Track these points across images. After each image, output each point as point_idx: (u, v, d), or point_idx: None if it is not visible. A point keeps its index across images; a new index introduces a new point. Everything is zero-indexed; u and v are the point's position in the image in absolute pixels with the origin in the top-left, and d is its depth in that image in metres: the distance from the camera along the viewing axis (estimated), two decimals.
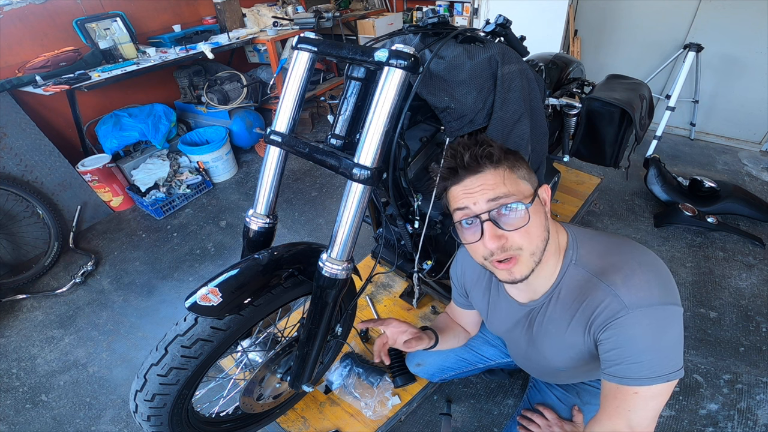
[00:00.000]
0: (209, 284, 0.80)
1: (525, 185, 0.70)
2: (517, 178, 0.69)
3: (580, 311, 0.74)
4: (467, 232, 0.71)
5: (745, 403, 1.44)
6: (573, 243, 0.77)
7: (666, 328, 0.66)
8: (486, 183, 0.68)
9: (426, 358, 1.28)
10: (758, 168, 2.74)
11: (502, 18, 1.08)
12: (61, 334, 1.87)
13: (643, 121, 1.56)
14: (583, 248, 0.76)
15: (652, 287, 0.67)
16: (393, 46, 0.70)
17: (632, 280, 0.68)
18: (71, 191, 2.45)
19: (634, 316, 0.66)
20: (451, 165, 0.70)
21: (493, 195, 0.67)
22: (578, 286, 0.74)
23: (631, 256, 0.71)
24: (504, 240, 0.68)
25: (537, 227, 0.69)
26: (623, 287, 0.67)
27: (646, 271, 0.69)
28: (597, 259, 0.74)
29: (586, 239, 0.78)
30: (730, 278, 1.91)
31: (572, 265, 0.76)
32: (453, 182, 0.72)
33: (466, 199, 0.69)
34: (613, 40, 3.20)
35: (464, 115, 0.96)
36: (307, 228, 2.41)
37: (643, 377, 0.67)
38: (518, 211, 0.67)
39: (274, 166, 0.91)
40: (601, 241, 0.77)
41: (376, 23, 3.71)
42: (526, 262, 0.70)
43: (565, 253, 0.77)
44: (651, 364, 0.66)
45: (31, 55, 2.35)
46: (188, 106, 3.11)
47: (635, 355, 0.66)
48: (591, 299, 0.71)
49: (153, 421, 0.88)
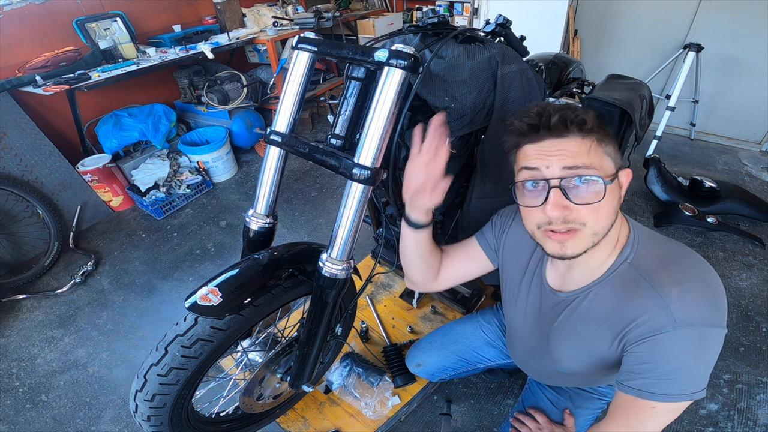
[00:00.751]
0: (209, 284, 0.80)
1: (609, 162, 0.65)
2: (603, 153, 0.64)
3: (617, 316, 0.68)
4: (530, 194, 0.67)
5: (745, 403, 1.44)
6: (633, 241, 0.71)
7: (707, 349, 0.62)
8: (567, 149, 0.63)
9: (426, 359, 1.28)
10: (758, 168, 2.74)
11: (502, 18, 1.08)
12: (61, 334, 1.87)
13: (643, 121, 1.55)
14: (643, 248, 0.70)
15: (708, 307, 0.62)
16: (393, 46, 0.70)
17: (689, 296, 0.62)
18: (71, 191, 2.44)
19: (681, 333, 0.61)
20: (534, 122, 0.65)
21: (571, 163, 0.62)
22: (625, 288, 0.68)
23: (693, 270, 0.65)
24: (568, 211, 0.63)
25: (608, 208, 0.64)
26: (678, 302, 0.62)
27: (705, 289, 0.63)
28: (655, 265, 0.67)
29: (648, 240, 0.71)
30: (730, 278, 1.91)
31: (626, 264, 0.69)
32: (529, 140, 0.67)
33: (539, 160, 0.64)
34: (613, 40, 3.20)
35: (464, 115, 0.96)
36: (307, 228, 2.41)
37: (668, 394, 0.63)
38: (596, 184, 0.62)
39: (274, 166, 0.91)
40: (664, 245, 0.70)
41: (376, 23, 3.71)
42: (584, 239, 0.64)
43: (622, 249, 0.70)
44: (681, 382, 0.63)
45: (31, 55, 2.35)
46: (188, 106, 3.11)
47: (668, 372, 0.63)
48: (636, 307, 0.66)
49: (153, 421, 0.88)
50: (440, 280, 0.98)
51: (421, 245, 0.89)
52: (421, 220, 0.84)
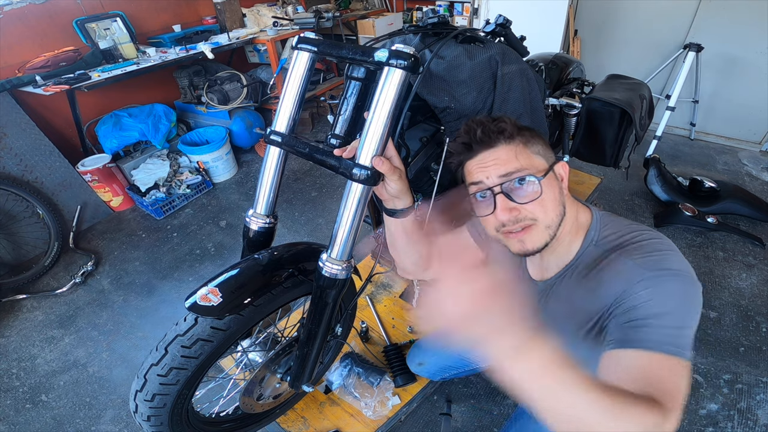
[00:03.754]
0: (209, 284, 0.80)
1: (539, 160, 0.71)
2: (530, 153, 0.70)
3: (595, 281, 0.71)
4: (481, 205, 0.72)
5: (745, 403, 1.44)
6: (596, 224, 0.76)
7: (689, 294, 0.62)
8: (499, 158, 0.69)
9: (428, 357, 1.28)
10: (758, 168, 2.74)
11: (502, 18, 1.08)
12: (61, 334, 1.87)
13: (643, 121, 1.55)
14: (607, 230, 0.75)
15: (673, 261, 0.65)
16: (393, 46, 0.70)
17: (652, 255, 0.66)
18: (71, 191, 2.44)
19: (658, 280, 0.62)
20: (466, 140, 0.72)
21: (505, 170, 0.68)
22: (597, 265, 0.73)
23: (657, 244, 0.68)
24: (516, 212, 0.68)
25: (551, 201, 0.69)
26: (641, 257, 0.65)
27: (667, 251, 0.67)
28: (620, 240, 0.72)
29: (611, 222, 0.76)
30: (730, 278, 1.91)
31: (592, 245, 0.74)
32: (467, 157, 0.73)
33: (480, 173, 0.70)
34: (613, 40, 3.20)
35: (464, 115, 0.96)
36: (307, 228, 2.41)
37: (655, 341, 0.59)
38: (531, 183, 0.68)
39: (274, 166, 0.91)
40: (626, 225, 0.75)
41: (376, 23, 3.70)
42: (540, 232, 0.69)
43: (586, 233, 0.75)
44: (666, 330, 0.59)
45: (31, 55, 2.35)
46: (188, 106, 3.11)
47: (656, 316, 0.60)
48: (607, 271, 0.69)
49: (153, 421, 0.88)
50: (433, 269, 0.95)
51: (408, 232, 0.88)
52: (399, 205, 0.83)
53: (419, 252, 0.93)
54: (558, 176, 0.73)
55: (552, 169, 0.71)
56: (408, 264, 0.96)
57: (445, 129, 0.98)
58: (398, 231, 0.89)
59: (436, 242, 0.97)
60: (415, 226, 0.89)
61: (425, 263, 0.95)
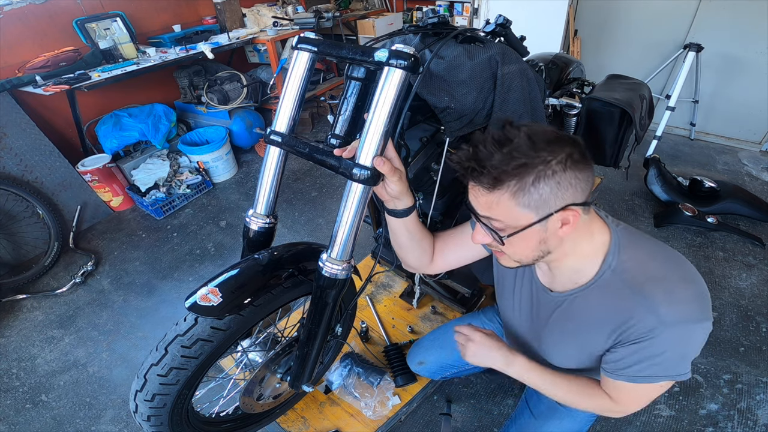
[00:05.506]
0: (209, 284, 0.80)
1: (524, 213, 0.62)
2: (515, 205, 0.61)
3: (608, 319, 0.73)
4: (473, 217, 0.73)
5: (745, 403, 1.44)
6: (615, 248, 0.73)
7: (695, 341, 0.68)
8: (479, 197, 0.66)
9: (428, 356, 1.28)
10: (758, 168, 2.74)
11: (502, 18, 1.08)
12: (61, 334, 1.87)
13: (643, 121, 1.55)
14: (625, 254, 0.72)
15: (693, 304, 0.66)
16: (393, 46, 0.70)
17: (673, 296, 0.67)
18: (71, 191, 2.45)
19: (670, 332, 0.66)
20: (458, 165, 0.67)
21: (479, 212, 0.68)
22: (612, 294, 0.72)
23: (674, 269, 0.70)
24: (488, 240, 0.71)
25: (522, 248, 0.69)
26: (664, 304, 0.66)
27: (688, 287, 0.68)
28: (638, 269, 0.70)
29: (630, 244, 0.73)
30: (730, 278, 1.91)
31: (609, 271, 0.72)
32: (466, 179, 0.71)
33: (470, 194, 0.70)
34: (613, 40, 3.20)
35: (464, 115, 0.96)
36: (307, 228, 2.41)
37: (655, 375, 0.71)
38: (495, 234, 0.68)
39: (274, 166, 0.91)
40: (645, 247, 0.73)
41: (376, 23, 3.71)
42: (510, 262, 0.74)
43: (605, 257, 0.73)
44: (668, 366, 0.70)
45: (31, 55, 2.35)
46: (188, 106, 3.11)
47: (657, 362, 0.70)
48: (625, 311, 0.70)
49: (153, 421, 0.88)
50: (436, 263, 0.99)
51: (410, 230, 0.90)
52: (400, 206, 0.84)
53: (422, 248, 0.95)
54: (555, 223, 0.64)
55: (543, 220, 0.63)
56: (411, 260, 0.98)
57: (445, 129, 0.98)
58: (400, 229, 0.90)
59: (440, 237, 0.99)
60: (417, 224, 0.91)
61: (428, 259, 0.98)
